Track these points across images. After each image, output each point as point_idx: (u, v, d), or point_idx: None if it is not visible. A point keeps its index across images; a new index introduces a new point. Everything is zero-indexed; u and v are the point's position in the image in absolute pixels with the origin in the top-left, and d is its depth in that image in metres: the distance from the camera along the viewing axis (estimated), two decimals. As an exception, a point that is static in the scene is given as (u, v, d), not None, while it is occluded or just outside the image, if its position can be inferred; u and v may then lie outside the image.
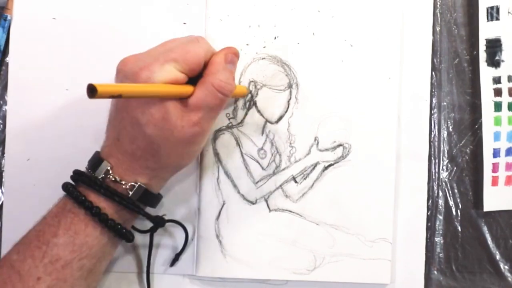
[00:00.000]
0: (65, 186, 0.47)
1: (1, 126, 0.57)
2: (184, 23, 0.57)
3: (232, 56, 0.48)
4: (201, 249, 0.57)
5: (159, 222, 0.51)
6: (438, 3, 0.59)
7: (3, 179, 0.57)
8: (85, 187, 0.47)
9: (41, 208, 0.56)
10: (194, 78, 0.46)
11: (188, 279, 0.58)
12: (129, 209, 0.47)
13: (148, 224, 0.52)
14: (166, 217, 0.53)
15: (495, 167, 0.58)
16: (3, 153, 0.57)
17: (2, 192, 0.57)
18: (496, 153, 0.58)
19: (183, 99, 0.45)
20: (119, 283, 0.57)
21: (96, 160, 0.48)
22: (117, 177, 0.46)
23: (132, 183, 0.47)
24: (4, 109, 0.57)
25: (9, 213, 0.56)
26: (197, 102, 0.45)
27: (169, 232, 0.57)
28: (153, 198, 0.50)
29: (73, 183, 0.48)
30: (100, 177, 0.46)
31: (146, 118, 0.44)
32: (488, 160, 0.58)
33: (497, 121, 0.58)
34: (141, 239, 0.56)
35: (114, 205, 0.47)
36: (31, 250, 0.45)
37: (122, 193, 0.47)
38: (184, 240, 0.55)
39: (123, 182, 0.47)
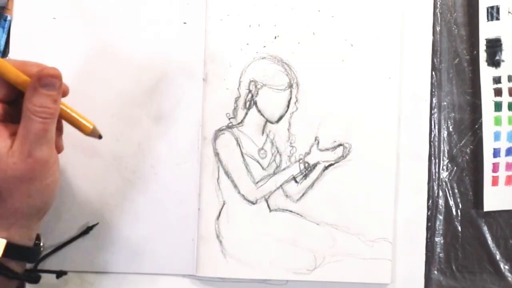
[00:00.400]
0: None
1: (1, 126, 0.57)
2: (184, 23, 0.57)
3: (47, 78, 0.44)
4: (201, 249, 0.57)
5: (33, 279, 0.50)
6: (438, 3, 0.59)
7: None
8: None
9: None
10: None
11: (188, 279, 0.58)
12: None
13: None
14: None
15: (495, 167, 0.58)
16: (3, 153, 0.57)
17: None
18: (496, 153, 0.58)
19: (11, 135, 0.43)
20: (119, 283, 0.57)
21: None
22: None
23: None
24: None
25: (9, 213, 0.56)
26: (21, 133, 0.42)
27: (163, 233, 0.57)
28: (25, 252, 0.45)
29: None
30: None
31: None
32: (488, 160, 0.58)
33: (497, 121, 0.58)
34: (145, 241, 0.56)
35: None
36: None
37: None
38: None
39: None
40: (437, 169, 0.59)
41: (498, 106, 0.58)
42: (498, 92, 0.58)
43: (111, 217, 0.56)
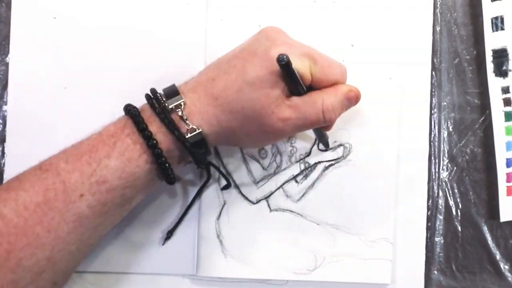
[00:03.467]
0: (128, 109, 0.46)
1: (1, 126, 0.57)
2: (185, 23, 0.57)
3: (353, 96, 0.49)
4: (201, 249, 0.57)
5: (208, 170, 0.52)
6: (438, 3, 0.59)
7: (3, 179, 0.57)
8: (149, 113, 0.46)
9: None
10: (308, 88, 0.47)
11: (188, 279, 0.58)
12: (182, 151, 0.46)
13: None
14: None
15: (509, 177, 0.58)
16: (3, 153, 0.57)
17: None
18: (509, 163, 0.58)
19: (293, 94, 0.46)
20: (119, 283, 0.57)
21: (171, 91, 0.46)
22: (185, 115, 0.45)
23: (194, 127, 0.45)
24: (4, 109, 0.57)
25: (9, 213, 0.56)
26: (300, 104, 0.45)
27: (163, 233, 0.57)
28: (204, 151, 0.47)
29: (136, 107, 0.47)
30: (169, 107, 0.45)
31: (254, 80, 0.44)
32: (502, 170, 0.58)
33: (509, 131, 0.58)
34: (145, 241, 0.56)
35: (171, 142, 0.45)
36: (81, 163, 0.43)
37: (182, 133, 0.45)
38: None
39: (188, 122, 0.45)
40: (437, 169, 0.59)
41: (508, 116, 0.58)
42: (507, 102, 0.58)
43: (111, 217, 0.56)
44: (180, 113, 0.45)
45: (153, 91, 0.47)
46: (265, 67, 0.44)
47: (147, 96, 0.47)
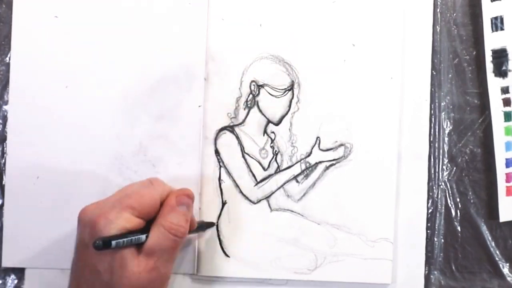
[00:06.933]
0: None
1: (1, 126, 0.57)
2: (186, 22, 0.57)
3: (183, 198, 0.49)
4: (202, 249, 0.57)
5: None
6: (438, 3, 0.59)
7: (3, 179, 0.56)
8: None
9: (42, 208, 0.56)
10: (151, 222, 0.47)
11: (189, 279, 0.57)
12: None
13: None
14: None
15: (508, 177, 0.58)
16: (3, 153, 0.56)
17: (2, 192, 0.57)
18: (508, 163, 0.58)
19: (138, 245, 0.46)
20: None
21: None
22: None
23: None
24: (4, 109, 0.57)
25: (9, 213, 0.56)
26: (151, 246, 0.46)
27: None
28: None
29: None
30: None
31: (104, 266, 0.45)
32: (501, 170, 0.58)
33: (508, 131, 0.58)
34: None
35: None
36: None
37: None
38: None
39: None
40: (437, 169, 0.59)
41: (508, 116, 0.58)
42: (507, 102, 0.58)
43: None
44: None
45: None
46: (102, 252, 0.44)
47: None
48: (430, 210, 0.59)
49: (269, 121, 0.57)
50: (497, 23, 0.58)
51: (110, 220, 0.44)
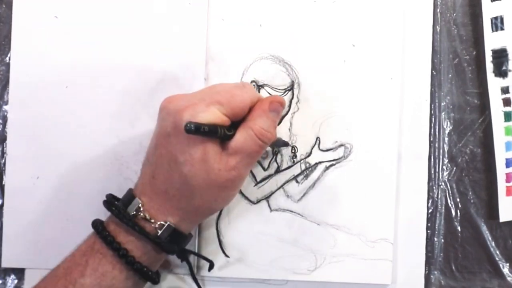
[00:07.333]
0: (95, 225, 0.47)
1: (1, 126, 0.57)
2: (186, 22, 0.57)
3: (276, 104, 0.48)
4: (202, 249, 0.57)
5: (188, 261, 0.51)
6: (438, 3, 0.59)
7: (3, 179, 0.57)
8: (114, 225, 0.47)
9: (42, 208, 0.56)
10: (236, 123, 0.47)
11: (188, 279, 0.57)
12: (157, 249, 0.47)
13: None
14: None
15: (508, 177, 0.58)
16: (3, 153, 0.57)
17: (2, 192, 0.57)
18: (508, 163, 0.58)
19: (223, 142, 0.45)
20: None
21: (128, 197, 0.47)
22: (147, 216, 0.46)
23: (162, 222, 0.46)
24: (4, 109, 0.57)
25: (9, 213, 0.56)
26: (236, 146, 0.45)
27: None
28: (182, 239, 0.48)
29: (102, 220, 0.48)
30: (131, 214, 0.46)
31: (185, 157, 0.44)
32: (501, 170, 0.58)
33: (508, 131, 0.58)
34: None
35: (142, 246, 0.46)
36: None
37: (151, 232, 0.46)
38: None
39: (153, 221, 0.46)
40: (437, 169, 0.59)
41: (508, 116, 0.58)
42: (507, 102, 0.58)
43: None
44: (142, 216, 0.46)
45: (110, 201, 0.48)
46: (184, 143, 0.44)
47: (106, 205, 0.48)
48: (430, 210, 0.59)
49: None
50: (497, 23, 0.58)
51: (197, 112, 0.43)
